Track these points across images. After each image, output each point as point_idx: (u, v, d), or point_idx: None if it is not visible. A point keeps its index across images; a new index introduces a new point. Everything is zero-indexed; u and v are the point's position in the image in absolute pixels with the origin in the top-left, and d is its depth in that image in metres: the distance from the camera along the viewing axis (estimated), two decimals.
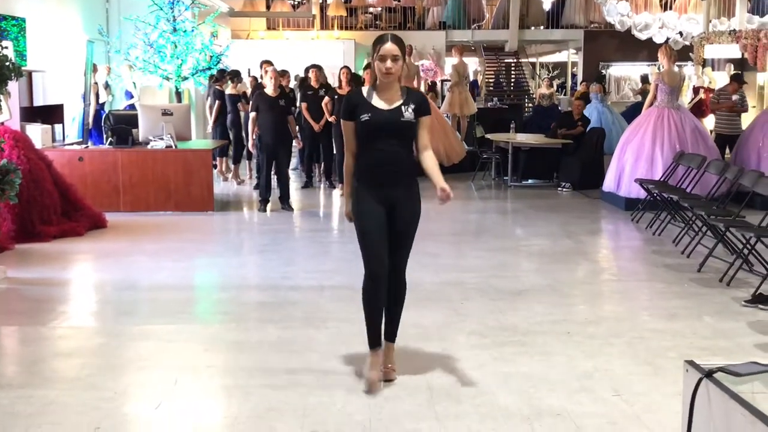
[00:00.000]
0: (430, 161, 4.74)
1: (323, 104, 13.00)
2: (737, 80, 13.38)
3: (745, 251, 7.59)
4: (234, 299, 7.14)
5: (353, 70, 14.11)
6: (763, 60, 13.71)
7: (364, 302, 4.81)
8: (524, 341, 5.80)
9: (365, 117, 4.57)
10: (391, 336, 4.98)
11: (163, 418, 4.54)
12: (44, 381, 5.11)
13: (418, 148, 4.79)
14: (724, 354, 5.42)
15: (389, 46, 4.53)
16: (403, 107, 4.61)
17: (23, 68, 10.26)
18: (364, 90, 4.75)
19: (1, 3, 10.53)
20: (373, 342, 4.83)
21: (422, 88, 17.19)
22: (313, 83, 13.33)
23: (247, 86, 15.13)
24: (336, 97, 12.78)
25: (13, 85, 8.50)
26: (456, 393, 4.80)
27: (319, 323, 6.18)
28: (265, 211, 11.22)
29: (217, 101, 14.07)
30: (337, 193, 12.83)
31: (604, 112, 14.64)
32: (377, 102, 4.62)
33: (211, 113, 14.29)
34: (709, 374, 2.39)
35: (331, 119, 12.83)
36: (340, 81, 12.91)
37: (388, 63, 4.52)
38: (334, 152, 13.22)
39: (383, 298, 4.80)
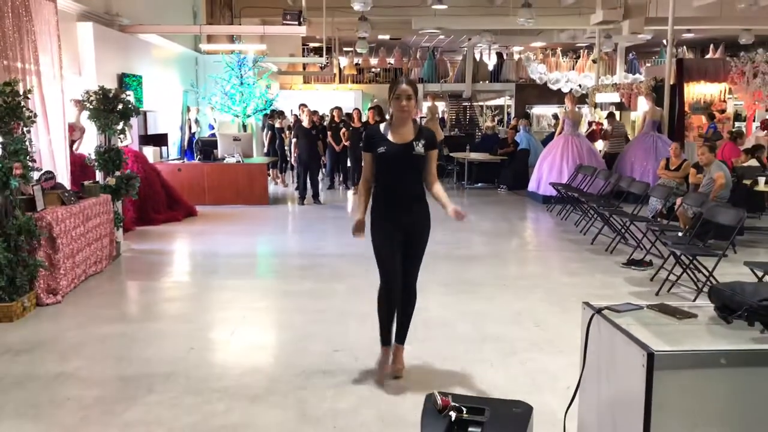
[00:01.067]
0: (439, 190, 3.80)
1: (341, 133, 12.98)
2: (612, 116, 13.48)
3: (623, 230, 7.60)
4: (282, 263, 7.14)
5: (361, 110, 14.07)
6: (635, 103, 13.69)
7: (379, 306, 3.87)
8: (475, 290, 5.81)
9: (381, 149, 3.68)
10: (401, 339, 3.97)
11: (236, 341, 4.55)
12: (156, 317, 5.13)
13: (427, 181, 3.80)
14: (609, 298, 5.41)
15: (404, 87, 3.69)
16: (414, 142, 3.68)
17: (140, 109, 10.24)
18: (382, 126, 3.81)
19: (126, 65, 10.49)
20: (385, 340, 3.91)
21: None
22: (336, 119, 13.29)
23: (290, 121, 15.11)
24: (351, 128, 12.81)
25: (134, 121, 8.47)
26: (429, 323, 4.82)
27: (340, 279, 6.18)
28: (303, 204, 11.20)
29: (269, 132, 14.11)
30: (351, 192, 12.83)
31: (529, 138, 14.56)
32: (392, 137, 3.71)
33: (265, 139, 14.33)
34: (599, 311, 2.39)
35: (347, 143, 12.87)
36: (352, 117, 13.00)
37: (403, 101, 3.66)
38: (349, 165, 13.29)
39: (395, 303, 3.86)
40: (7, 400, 3.56)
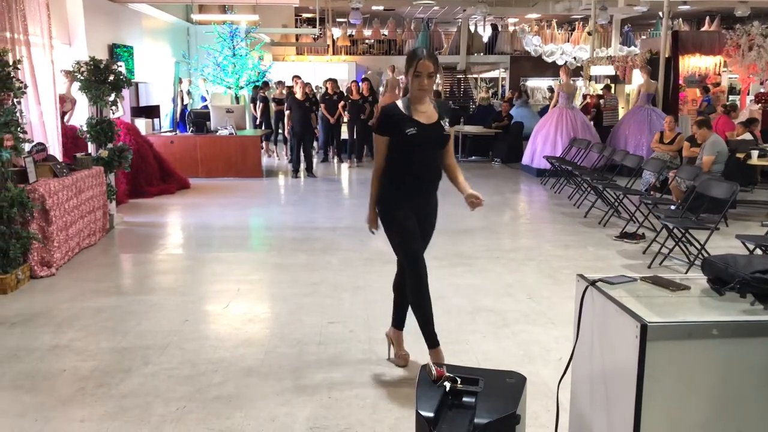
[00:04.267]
0: (459, 172, 3.48)
1: (339, 106, 12.76)
2: (607, 89, 13.45)
3: (616, 204, 7.62)
4: (276, 235, 7.13)
5: (358, 83, 13.94)
6: (629, 76, 13.61)
7: (417, 301, 3.41)
8: (468, 263, 5.83)
9: (411, 131, 3.19)
10: (401, 324, 3.75)
11: (230, 313, 4.56)
12: (150, 290, 5.13)
13: (446, 162, 3.45)
14: (602, 270, 5.44)
15: (426, 62, 3.13)
16: (441, 122, 3.30)
17: (132, 80, 10.12)
18: (400, 104, 3.27)
19: (117, 36, 10.35)
20: (434, 341, 3.48)
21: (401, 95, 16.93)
22: (329, 91, 13.16)
23: (283, 93, 14.98)
24: (350, 101, 12.57)
25: (126, 92, 8.38)
26: None
27: (333, 251, 6.19)
28: (296, 177, 11.17)
29: (261, 103, 14.00)
30: (345, 165, 12.78)
31: (518, 111, 14.47)
32: (418, 116, 3.24)
33: (256, 111, 14.22)
34: (593, 283, 2.40)
35: (345, 117, 12.74)
36: (350, 90, 12.81)
37: (424, 80, 3.15)
38: (345, 138, 13.12)
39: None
40: (3, 372, 3.56)
